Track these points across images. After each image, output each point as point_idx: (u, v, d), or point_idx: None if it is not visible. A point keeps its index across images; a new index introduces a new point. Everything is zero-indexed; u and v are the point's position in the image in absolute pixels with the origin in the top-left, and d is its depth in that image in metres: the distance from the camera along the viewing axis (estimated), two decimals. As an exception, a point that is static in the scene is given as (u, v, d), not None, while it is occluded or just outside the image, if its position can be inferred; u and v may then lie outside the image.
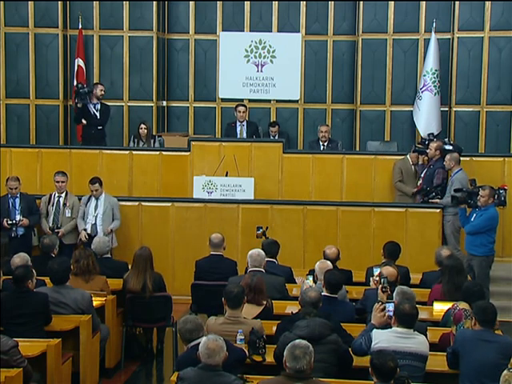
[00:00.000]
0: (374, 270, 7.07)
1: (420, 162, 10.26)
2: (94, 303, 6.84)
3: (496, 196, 8.78)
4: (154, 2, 12.16)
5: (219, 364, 4.80)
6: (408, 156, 10.27)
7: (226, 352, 4.84)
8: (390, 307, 5.66)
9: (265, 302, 6.37)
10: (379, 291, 6.22)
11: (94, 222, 9.43)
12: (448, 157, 9.56)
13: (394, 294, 6.02)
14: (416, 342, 5.39)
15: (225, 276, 7.41)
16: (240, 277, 7.08)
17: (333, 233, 9.59)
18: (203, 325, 5.39)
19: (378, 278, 6.58)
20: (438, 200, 9.57)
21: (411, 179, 10.18)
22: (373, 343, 5.40)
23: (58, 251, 8.04)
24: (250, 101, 12.49)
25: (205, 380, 4.76)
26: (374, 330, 5.53)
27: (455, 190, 9.05)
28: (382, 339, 5.39)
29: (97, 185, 9.45)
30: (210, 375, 4.77)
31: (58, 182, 9.48)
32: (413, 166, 10.19)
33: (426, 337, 5.76)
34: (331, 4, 12.30)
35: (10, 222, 9.25)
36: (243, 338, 5.72)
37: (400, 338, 5.37)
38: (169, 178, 10.66)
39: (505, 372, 4.41)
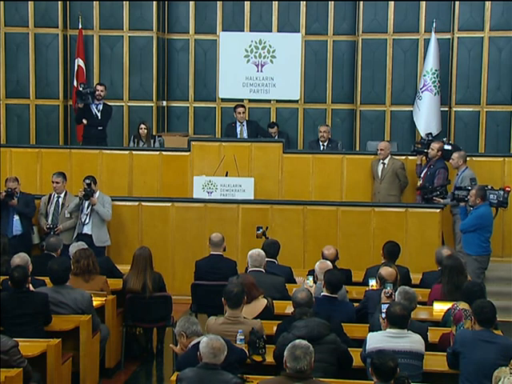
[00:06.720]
0: (370, 281, 7.02)
1: (418, 162, 10.27)
2: (94, 303, 6.83)
3: (495, 196, 8.77)
4: (154, 2, 12.16)
5: (220, 363, 4.81)
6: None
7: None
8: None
9: (262, 297, 6.35)
10: (383, 295, 6.24)
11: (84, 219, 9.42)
12: (456, 155, 9.53)
13: (396, 294, 6.03)
14: (410, 341, 5.40)
15: (225, 276, 7.39)
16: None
17: (333, 233, 9.58)
18: (198, 323, 5.40)
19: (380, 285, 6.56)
20: (441, 199, 9.53)
21: (376, 178, 10.28)
22: (367, 346, 5.42)
23: (61, 252, 8.03)
24: (250, 101, 12.49)
25: (205, 379, 4.76)
26: (369, 334, 5.56)
27: (456, 188, 9.07)
28: (374, 340, 5.41)
29: (87, 180, 9.38)
30: (210, 374, 4.77)
31: (53, 182, 9.50)
32: (381, 165, 10.20)
33: (427, 337, 5.78)
34: (331, 4, 12.30)
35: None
36: (243, 337, 5.71)
37: (393, 338, 5.39)
38: (169, 178, 10.66)
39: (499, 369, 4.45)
